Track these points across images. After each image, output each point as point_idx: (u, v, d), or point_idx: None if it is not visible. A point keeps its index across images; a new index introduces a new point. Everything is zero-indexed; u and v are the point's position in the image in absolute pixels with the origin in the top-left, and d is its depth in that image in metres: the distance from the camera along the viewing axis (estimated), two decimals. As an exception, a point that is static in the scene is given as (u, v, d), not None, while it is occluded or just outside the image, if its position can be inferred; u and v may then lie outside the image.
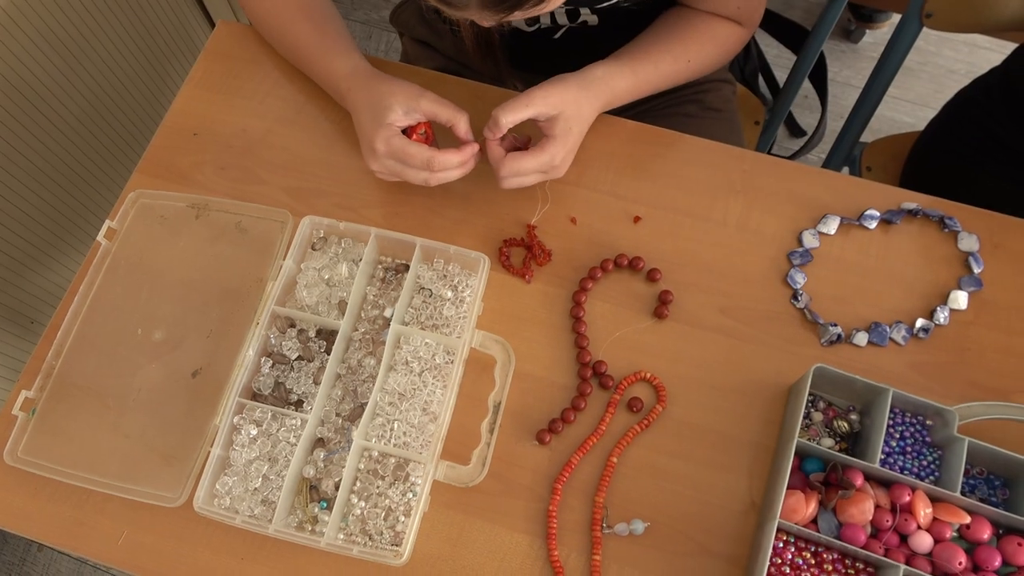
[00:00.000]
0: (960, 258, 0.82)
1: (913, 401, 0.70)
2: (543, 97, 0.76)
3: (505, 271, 0.81)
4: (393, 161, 0.75)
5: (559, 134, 0.77)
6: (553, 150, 0.77)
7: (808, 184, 0.85)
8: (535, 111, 0.75)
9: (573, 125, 0.77)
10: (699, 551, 0.70)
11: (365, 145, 0.77)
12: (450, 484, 0.72)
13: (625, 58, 0.82)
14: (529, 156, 0.76)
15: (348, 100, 0.80)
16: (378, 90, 0.77)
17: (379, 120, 0.75)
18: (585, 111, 0.78)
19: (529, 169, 0.77)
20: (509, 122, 0.75)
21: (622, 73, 0.81)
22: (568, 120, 0.77)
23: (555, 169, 0.79)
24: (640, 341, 0.78)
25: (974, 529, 0.67)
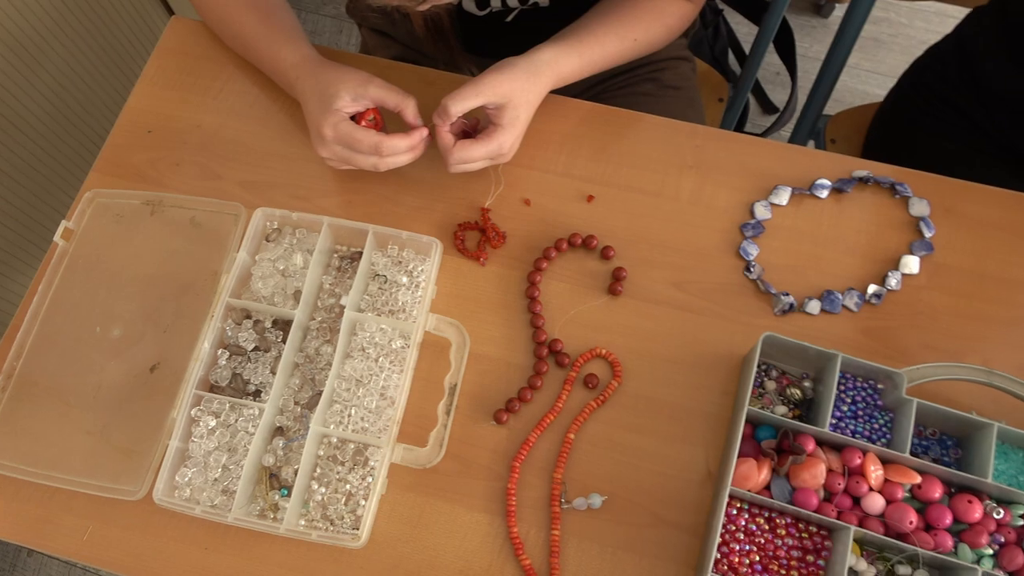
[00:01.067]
0: (911, 223, 0.82)
1: (863, 365, 0.71)
2: (492, 86, 0.76)
3: (460, 255, 0.82)
4: (341, 147, 0.76)
5: (507, 123, 0.77)
6: (501, 138, 0.77)
7: (759, 156, 0.86)
8: (484, 100, 0.76)
9: (521, 112, 0.78)
10: (657, 522, 0.71)
11: (313, 132, 0.77)
12: (409, 467, 0.72)
13: (571, 39, 0.83)
14: (478, 144, 0.77)
15: (296, 89, 0.81)
16: (325, 77, 0.78)
17: (326, 106, 0.75)
18: (532, 97, 0.79)
19: (478, 157, 0.77)
20: (458, 111, 0.75)
21: (568, 56, 0.82)
22: (516, 108, 0.77)
23: (503, 156, 0.79)
24: (595, 318, 0.79)
25: (925, 489, 0.68)
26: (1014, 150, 0.99)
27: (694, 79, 1.14)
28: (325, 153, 0.77)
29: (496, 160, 0.80)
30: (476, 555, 0.70)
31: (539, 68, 0.79)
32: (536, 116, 0.85)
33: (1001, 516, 0.67)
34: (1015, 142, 0.98)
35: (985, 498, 0.68)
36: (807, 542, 0.68)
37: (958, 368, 0.70)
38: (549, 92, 0.85)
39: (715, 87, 1.31)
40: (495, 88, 0.75)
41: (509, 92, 0.76)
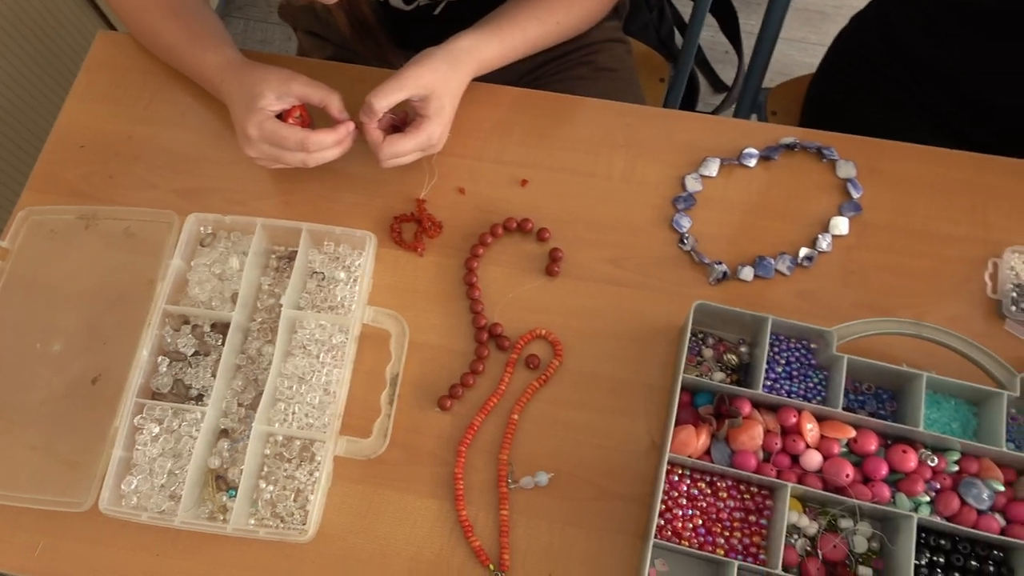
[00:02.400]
0: (839, 185, 0.84)
1: (794, 326, 0.72)
2: (414, 79, 0.76)
3: (398, 247, 0.82)
4: (268, 145, 0.76)
5: (433, 113, 0.78)
6: (430, 129, 0.78)
7: (688, 131, 0.87)
8: (407, 93, 0.76)
9: (446, 102, 0.79)
10: (603, 495, 0.72)
11: (239, 132, 0.77)
12: (355, 459, 0.73)
13: (490, 26, 0.83)
14: (407, 138, 0.78)
15: (222, 92, 0.81)
16: (249, 78, 0.78)
17: (251, 106, 0.76)
18: (455, 86, 0.79)
19: (408, 150, 0.78)
20: (383, 107, 0.76)
21: (488, 42, 0.82)
22: (441, 98, 0.78)
23: (433, 146, 0.80)
24: (534, 300, 0.79)
25: (861, 442, 0.69)
26: (942, 115, 1.01)
27: (630, 60, 1.15)
28: (252, 152, 0.77)
29: (427, 151, 0.80)
30: (426, 541, 0.71)
31: (459, 56, 0.79)
32: (467, 105, 0.86)
33: (936, 464, 0.69)
34: (941, 106, 1.00)
35: (920, 447, 0.70)
36: (749, 503, 0.69)
37: (886, 322, 0.72)
38: (478, 80, 0.86)
39: (656, 68, 1.32)
40: (417, 80, 0.76)
41: (431, 83, 0.77)
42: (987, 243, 0.80)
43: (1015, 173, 0.83)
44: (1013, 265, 0.78)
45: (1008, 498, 0.69)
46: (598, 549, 0.70)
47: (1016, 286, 0.77)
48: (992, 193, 0.83)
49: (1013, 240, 0.80)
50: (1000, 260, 0.78)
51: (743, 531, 0.68)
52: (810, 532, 0.69)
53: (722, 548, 0.67)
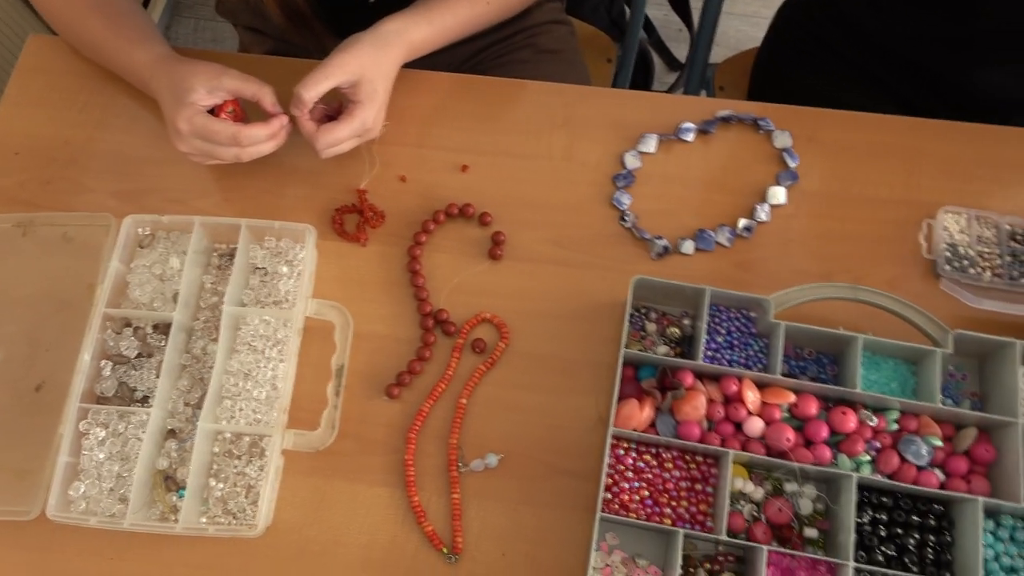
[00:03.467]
0: (776, 155, 0.85)
1: (732, 296, 0.73)
2: (341, 66, 0.76)
3: (341, 239, 0.82)
4: (199, 140, 0.75)
5: (365, 98, 0.78)
6: (363, 114, 0.78)
7: (626, 108, 0.87)
8: (335, 81, 0.76)
9: (378, 85, 0.78)
10: (553, 473, 0.73)
11: (170, 128, 0.76)
12: (304, 451, 0.73)
13: (420, 8, 0.83)
14: (342, 125, 0.77)
15: (152, 88, 0.80)
16: (179, 72, 0.77)
17: (181, 101, 0.75)
18: (385, 69, 0.79)
19: (344, 137, 0.78)
20: (311, 97, 0.75)
21: (417, 24, 0.82)
22: (372, 82, 0.78)
23: (369, 131, 0.79)
24: (478, 284, 0.80)
25: (801, 406, 0.70)
26: (886, 84, 1.02)
27: (574, 41, 1.15)
28: (184, 148, 0.77)
29: (364, 137, 0.80)
30: (380, 528, 0.71)
31: (387, 39, 0.79)
32: (405, 93, 0.86)
33: (875, 423, 0.70)
34: (885, 76, 1.01)
35: (860, 408, 0.71)
36: (695, 471, 0.70)
37: (823, 288, 0.73)
38: (417, 67, 0.86)
39: (604, 48, 1.32)
40: (344, 67, 0.76)
41: (359, 68, 0.76)
42: (921, 205, 0.82)
43: (946, 135, 0.85)
44: (947, 225, 0.80)
45: (947, 453, 0.70)
46: (550, 526, 0.71)
47: (950, 246, 0.79)
48: (925, 155, 0.84)
49: (946, 200, 0.81)
50: (934, 221, 0.80)
51: (690, 500, 0.69)
52: (756, 497, 0.70)
53: (669, 518, 0.68)
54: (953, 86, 0.97)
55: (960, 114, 0.87)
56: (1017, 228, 0.79)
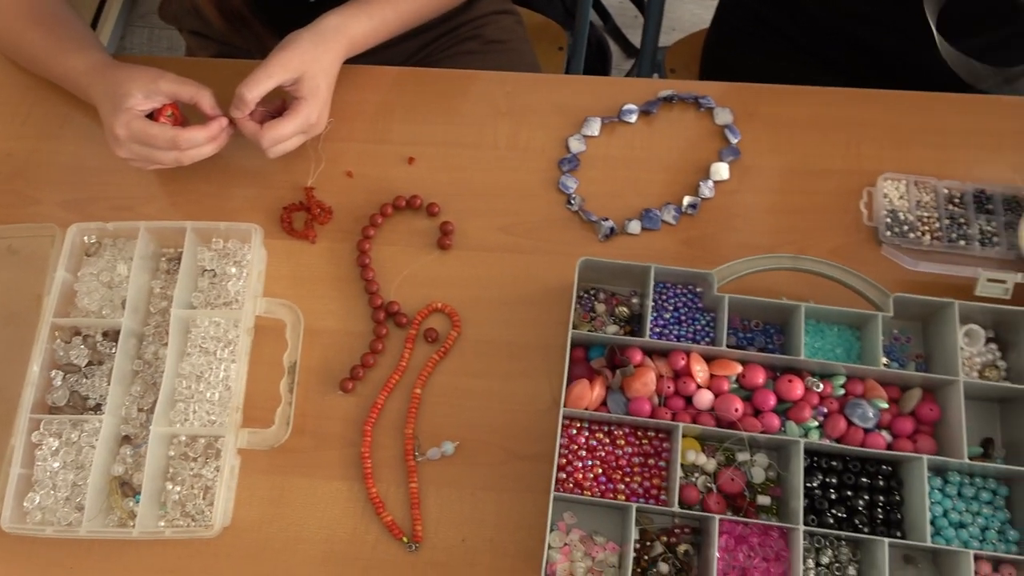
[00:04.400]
0: (718, 132, 0.85)
1: (677, 272, 0.74)
2: (281, 64, 0.76)
3: (290, 237, 0.82)
4: (138, 145, 0.75)
5: (308, 93, 0.78)
6: (307, 110, 0.78)
7: (569, 93, 0.88)
8: (278, 80, 0.76)
9: (320, 81, 0.78)
10: (511, 457, 0.73)
11: (108, 133, 0.76)
12: (261, 450, 0.73)
13: (361, 3, 0.83)
14: (286, 121, 0.77)
15: (90, 94, 0.80)
16: (115, 77, 0.77)
17: (118, 106, 0.75)
18: (326, 64, 0.79)
19: (289, 133, 0.78)
20: (254, 97, 0.75)
21: (357, 19, 0.82)
22: (314, 78, 0.78)
23: (314, 127, 0.80)
24: (429, 275, 0.80)
25: (749, 377, 0.71)
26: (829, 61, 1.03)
27: (521, 31, 1.15)
28: (123, 154, 0.76)
29: (309, 133, 0.80)
30: (339, 522, 0.72)
31: (326, 35, 0.79)
32: (350, 88, 0.86)
33: (821, 389, 0.71)
34: (827, 54, 1.02)
35: (807, 375, 0.72)
36: (647, 447, 0.71)
37: (764, 259, 0.74)
38: (362, 62, 0.86)
39: (555, 37, 1.33)
40: (285, 65, 0.76)
41: (300, 65, 0.76)
42: (863, 174, 0.83)
43: (884, 104, 0.86)
44: (886, 192, 0.81)
45: (893, 414, 0.71)
46: (509, 510, 0.72)
47: (890, 212, 0.80)
48: (865, 125, 0.85)
49: (887, 168, 0.82)
50: (874, 188, 0.81)
51: (643, 475, 0.70)
52: (709, 469, 0.71)
53: (623, 493, 0.69)
54: (897, 61, 0.98)
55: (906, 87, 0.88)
56: (955, 192, 0.81)
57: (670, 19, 1.91)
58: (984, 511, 0.69)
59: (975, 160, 0.83)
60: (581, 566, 0.68)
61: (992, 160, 0.83)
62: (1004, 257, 0.78)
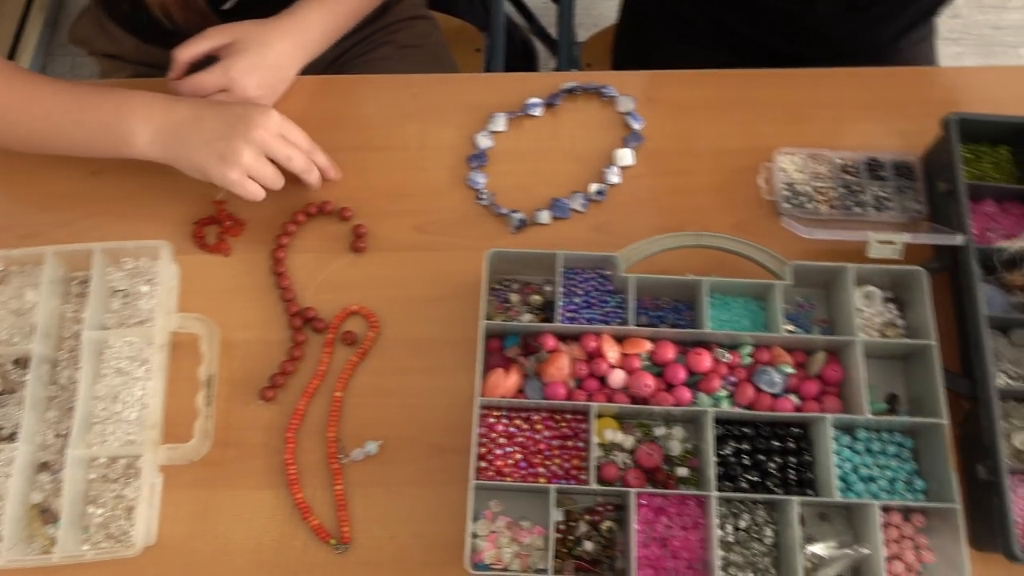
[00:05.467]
0: (621, 120, 0.88)
1: (584, 257, 0.76)
2: (217, 30, 0.80)
3: (203, 251, 0.82)
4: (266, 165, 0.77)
5: (234, 52, 0.81)
6: (227, 63, 0.80)
7: (474, 91, 0.89)
8: (210, 42, 0.79)
9: (250, 45, 0.81)
10: (434, 452, 0.74)
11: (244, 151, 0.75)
12: (183, 464, 0.73)
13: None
14: (205, 72, 0.80)
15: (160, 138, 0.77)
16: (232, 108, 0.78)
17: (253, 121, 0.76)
18: (262, 36, 0.82)
19: (208, 83, 0.80)
20: (186, 57, 0.79)
21: (309, 5, 0.85)
22: (244, 41, 0.81)
23: (234, 81, 0.81)
24: (344, 278, 0.81)
25: (659, 353, 0.73)
26: (731, 41, 1.06)
27: (437, 35, 1.16)
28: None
29: (231, 89, 0.81)
30: (266, 530, 0.72)
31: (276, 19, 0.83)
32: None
33: (729, 359, 0.73)
34: (731, 36, 1.05)
35: (715, 347, 0.74)
36: (565, 429, 0.72)
37: (667, 238, 0.76)
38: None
39: (472, 39, 1.34)
40: (220, 30, 0.80)
41: (236, 31, 0.81)
42: (761, 151, 0.85)
43: (778, 82, 0.89)
44: (784, 166, 0.84)
45: (800, 378, 0.74)
46: (436, 503, 0.72)
47: (788, 185, 0.83)
48: (762, 104, 0.88)
49: (782, 144, 0.85)
50: (771, 164, 0.84)
51: (562, 457, 0.71)
52: (627, 446, 0.72)
53: (544, 476, 0.70)
54: (802, 36, 1.01)
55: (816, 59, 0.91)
56: (849, 162, 0.84)
57: (593, 15, 1.95)
58: (892, 464, 0.72)
59: (867, 130, 0.87)
60: (508, 551, 0.69)
61: (883, 129, 0.87)
62: (898, 220, 0.81)
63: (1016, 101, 0.89)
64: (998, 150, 0.82)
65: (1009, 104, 0.90)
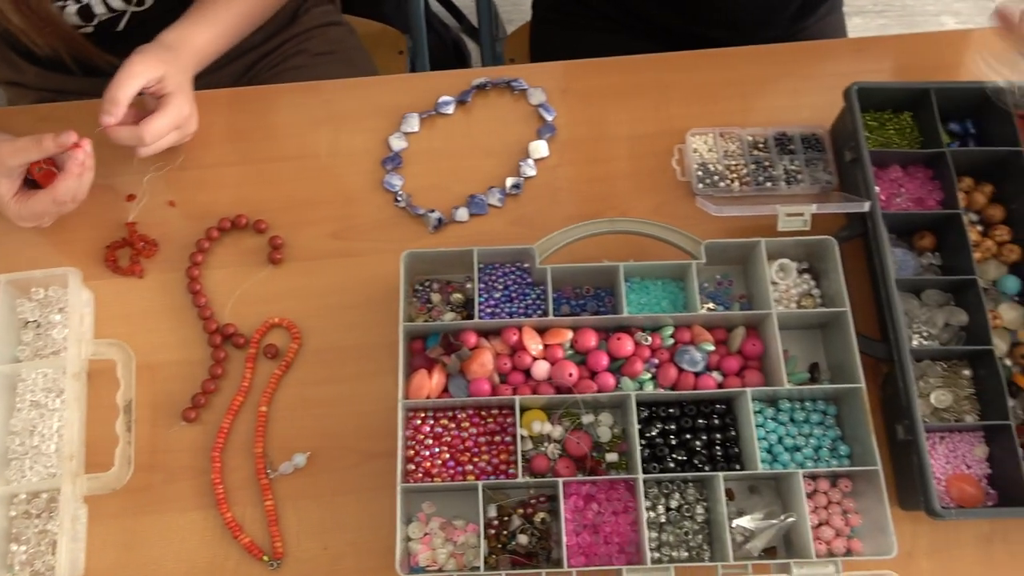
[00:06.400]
0: (533, 112, 0.88)
1: (499, 251, 0.76)
2: (142, 63, 0.77)
3: (116, 275, 0.81)
4: (35, 217, 0.78)
5: (175, 88, 0.78)
6: (178, 102, 0.78)
7: (385, 93, 0.89)
8: (143, 78, 0.76)
9: (182, 79, 0.79)
10: (364, 458, 0.74)
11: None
12: (107, 493, 0.71)
13: (194, 12, 0.84)
14: (161, 115, 0.77)
15: None
16: None
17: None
18: (182, 66, 0.80)
19: (166, 127, 0.77)
20: (126, 96, 0.75)
21: (195, 27, 0.83)
22: (175, 75, 0.79)
23: (188, 119, 0.80)
24: (263, 292, 0.80)
25: (580, 341, 0.73)
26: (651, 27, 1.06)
27: (353, 40, 1.15)
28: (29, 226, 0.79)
29: (183, 129, 0.80)
30: (197, 553, 0.70)
31: (169, 49, 0.80)
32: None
33: (650, 342, 0.74)
34: (650, 18, 1.06)
35: (636, 331, 0.75)
36: (492, 425, 0.72)
37: (581, 227, 0.76)
38: None
39: (394, 42, 1.33)
40: (145, 63, 0.76)
41: (159, 64, 0.77)
42: (673, 133, 0.86)
43: (687, 64, 0.90)
44: (695, 147, 0.84)
45: (722, 355, 0.75)
46: (369, 510, 0.72)
47: (700, 165, 0.83)
48: (672, 87, 0.89)
49: (694, 124, 0.86)
50: (684, 145, 0.85)
51: (491, 452, 0.71)
52: (556, 436, 0.72)
53: (473, 474, 0.70)
54: (710, 17, 1.02)
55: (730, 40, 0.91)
56: (758, 138, 0.85)
57: (521, 10, 1.95)
58: (816, 432, 0.73)
59: (775, 106, 0.88)
60: (443, 552, 0.69)
61: (791, 104, 0.88)
62: (809, 192, 0.83)
63: (920, 67, 0.91)
64: (901, 116, 0.84)
65: (915, 70, 0.92)
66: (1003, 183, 0.80)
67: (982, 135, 0.84)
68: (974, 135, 0.84)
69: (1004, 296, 0.78)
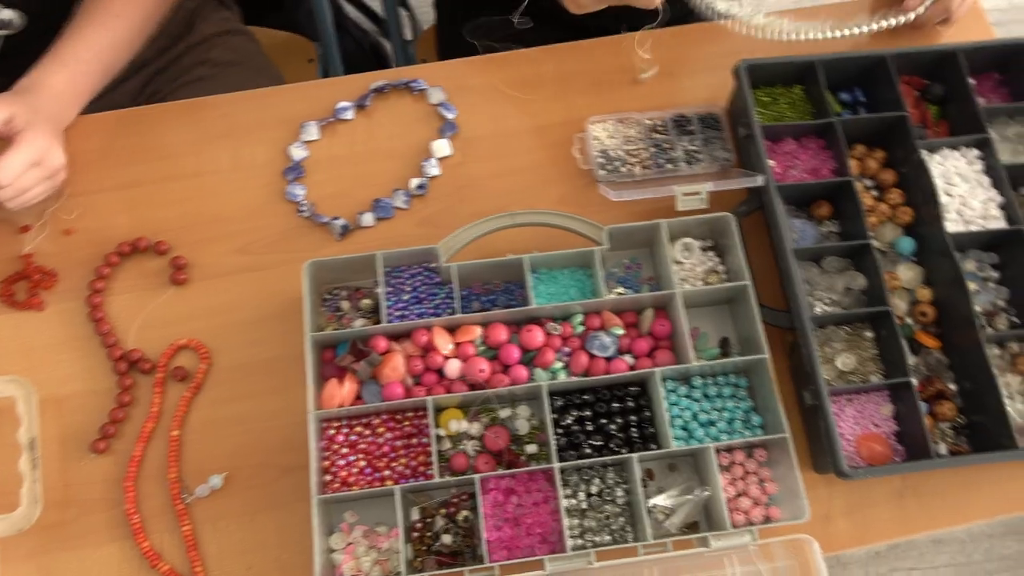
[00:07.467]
0: (434, 111, 0.87)
1: (403, 253, 0.75)
2: None
3: (15, 309, 0.78)
4: None
5: (25, 124, 0.75)
6: (30, 136, 0.75)
7: (283, 103, 0.88)
8: None
9: (33, 116, 0.76)
10: (282, 473, 0.73)
11: None
12: (15, 535, 0.69)
13: (50, 54, 0.81)
14: (12, 152, 0.74)
15: None
16: None
17: None
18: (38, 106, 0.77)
19: (19, 163, 0.74)
20: None
21: (51, 69, 0.80)
22: (25, 113, 0.75)
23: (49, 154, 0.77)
24: (167, 314, 0.78)
25: (491, 336, 0.73)
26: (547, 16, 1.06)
27: (255, 48, 1.13)
28: None
29: (49, 171, 0.77)
30: (115, 586, 0.69)
31: (24, 88, 0.77)
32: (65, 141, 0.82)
33: (560, 331, 0.74)
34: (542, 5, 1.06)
35: (547, 322, 0.75)
36: (408, 428, 0.72)
37: (483, 223, 0.76)
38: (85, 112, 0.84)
39: (303, 49, 1.32)
40: None
41: (6, 106, 0.74)
42: (574, 122, 0.86)
43: (584, 53, 0.90)
44: (596, 135, 0.85)
45: (632, 338, 0.76)
46: (291, 525, 0.71)
47: (601, 152, 0.84)
48: (572, 77, 0.89)
49: (592, 113, 0.86)
50: (584, 134, 0.85)
51: (408, 456, 0.71)
52: (474, 433, 0.72)
53: (391, 479, 0.70)
54: None
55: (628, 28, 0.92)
56: (657, 121, 0.86)
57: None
58: (728, 405, 0.74)
59: (674, 88, 0.89)
60: (367, 560, 0.68)
61: (689, 85, 0.89)
62: (710, 170, 0.84)
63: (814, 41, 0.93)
64: (792, 90, 0.86)
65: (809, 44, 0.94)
66: (893, 148, 0.83)
67: (872, 103, 0.86)
68: (864, 103, 0.86)
69: (901, 257, 0.80)
